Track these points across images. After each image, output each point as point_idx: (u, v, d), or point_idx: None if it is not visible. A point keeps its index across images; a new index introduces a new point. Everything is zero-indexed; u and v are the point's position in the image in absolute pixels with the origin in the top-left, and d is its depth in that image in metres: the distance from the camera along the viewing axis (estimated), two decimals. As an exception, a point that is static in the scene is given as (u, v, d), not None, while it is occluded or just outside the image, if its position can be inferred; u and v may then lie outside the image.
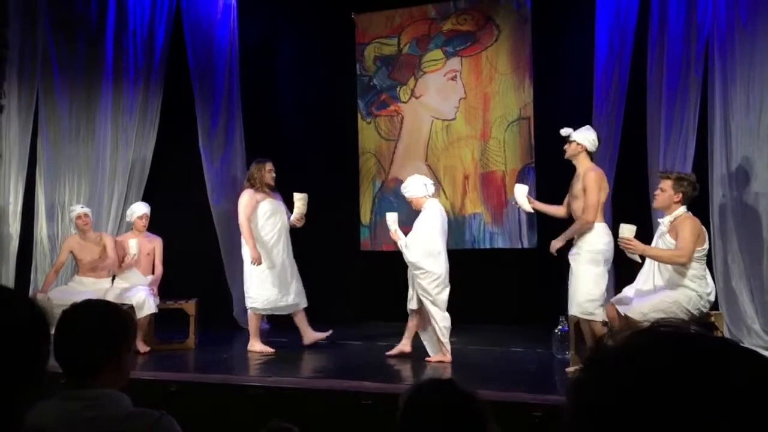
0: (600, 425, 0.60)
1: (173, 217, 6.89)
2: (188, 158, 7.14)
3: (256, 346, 5.56)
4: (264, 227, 5.61)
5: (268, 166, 5.71)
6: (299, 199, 5.57)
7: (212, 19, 7.31)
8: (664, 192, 4.28)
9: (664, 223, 4.32)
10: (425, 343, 5.10)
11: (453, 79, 7.13)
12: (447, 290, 4.99)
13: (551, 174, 6.69)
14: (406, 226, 6.00)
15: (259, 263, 5.49)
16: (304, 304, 5.71)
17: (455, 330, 5.31)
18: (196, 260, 7.23)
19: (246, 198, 5.63)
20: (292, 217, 5.70)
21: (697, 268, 4.23)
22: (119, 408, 1.57)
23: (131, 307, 5.43)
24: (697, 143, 5.46)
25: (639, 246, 4.16)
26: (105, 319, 1.63)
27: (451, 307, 6.87)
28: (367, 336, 6.18)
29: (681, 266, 4.19)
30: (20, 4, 6.45)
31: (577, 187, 4.64)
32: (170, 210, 7.03)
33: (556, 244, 4.66)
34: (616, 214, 5.86)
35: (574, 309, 4.52)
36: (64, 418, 1.54)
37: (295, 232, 5.80)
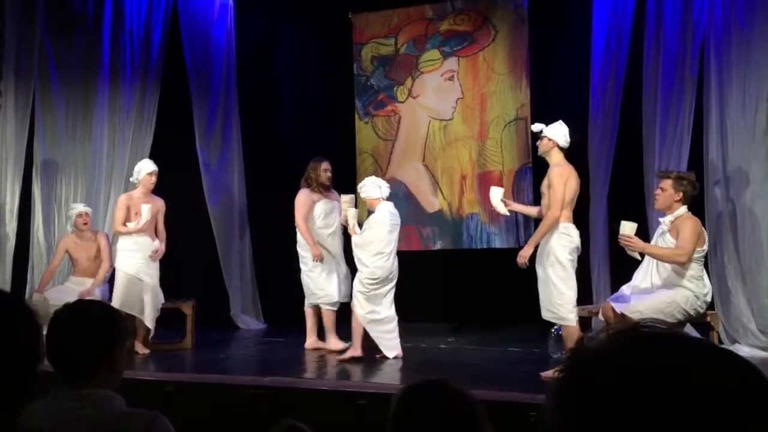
0: (579, 426, 0.60)
1: (170, 217, 6.88)
2: (185, 158, 7.13)
3: (332, 342, 5.51)
4: (319, 227, 5.57)
5: (324, 165, 5.64)
6: (345, 201, 5.41)
7: (209, 19, 7.31)
8: (665, 192, 4.26)
9: (665, 222, 4.30)
10: (376, 341, 5.20)
11: (450, 79, 7.14)
12: (386, 288, 5.13)
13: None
14: (409, 225, 6.04)
15: (322, 259, 5.46)
16: (336, 306, 5.67)
17: (451, 329, 5.32)
18: (193, 261, 7.23)
19: (302, 197, 5.58)
20: (341, 218, 5.54)
21: (696, 268, 4.22)
22: (113, 408, 1.57)
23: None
24: (693, 143, 5.47)
25: (639, 244, 4.13)
26: (98, 318, 1.63)
27: (448, 307, 6.89)
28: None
29: (680, 266, 4.18)
30: (17, 3, 6.44)
31: (544, 183, 4.55)
32: (167, 210, 7.02)
33: (525, 252, 4.46)
34: (612, 212, 5.87)
35: (547, 314, 4.46)
36: (58, 418, 1.54)
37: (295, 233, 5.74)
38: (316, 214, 5.58)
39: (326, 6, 7.40)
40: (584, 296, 5.74)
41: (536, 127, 4.58)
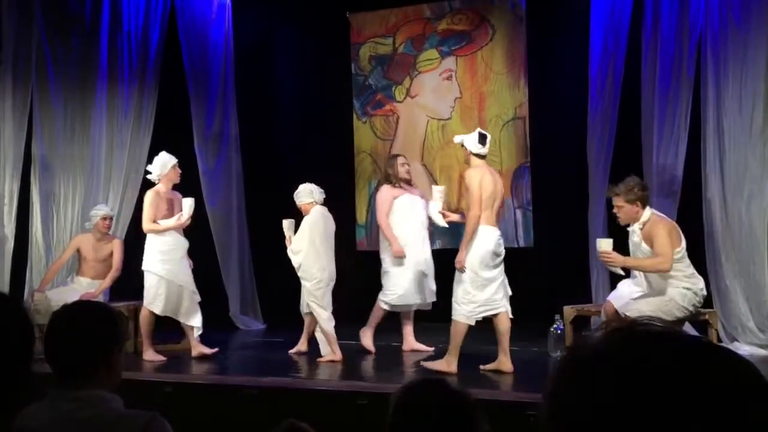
0: (576, 425, 0.60)
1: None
2: (183, 159, 7.11)
3: (366, 337, 5.42)
4: (401, 223, 5.40)
5: (401, 159, 5.55)
6: (437, 191, 5.24)
7: (207, 20, 7.30)
8: (622, 208, 4.28)
9: (635, 232, 4.29)
10: (319, 343, 5.23)
11: (448, 78, 7.14)
12: (328, 292, 5.28)
13: (546, 173, 6.71)
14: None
15: (403, 255, 5.30)
16: (429, 306, 5.51)
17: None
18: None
19: (382, 195, 5.46)
20: (429, 211, 5.32)
21: (682, 268, 4.22)
22: (111, 409, 1.57)
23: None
24: (690, 141, 5.47)
25: (618, 258, 4.14)
26: (96, 320, 1.63)
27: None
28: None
29: (664, 272, 4.18)
30: (14, 4, 6.42)
31: (463, 187, 4.73)
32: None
33: (460, 257, 4.51)
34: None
35: (455, 312, 4.55)
36: (56, 420, 1.54)
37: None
38: (397, 210, 5.40)
39: (324, 5, 7.40)
40: (583, 296, 5.76)
41: (457, 138, 4.81)
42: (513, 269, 6.72)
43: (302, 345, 5.43)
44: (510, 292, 4.69)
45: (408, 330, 5.55)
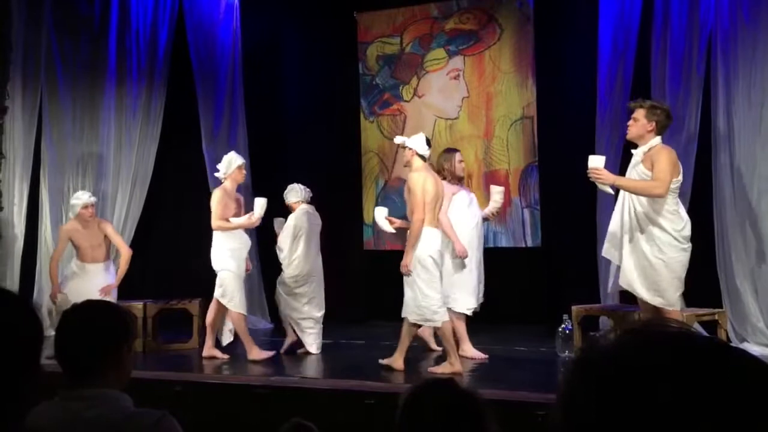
0: (588, 426, 0.60)
1: (176, 216, 6.91)
2: (191, 158, 7.15)
3: (468, 350, 5.07)
4: (460, 221, 5.14)
5: (458, 156, 5.29)
6: (498, 192, 5.19)
7: (215, 19, 7.32)
8: (638, 121, 4.08)
9: (637, 153, 4.11)
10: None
11: (456, 78, 7.13)
12: (305, 288, 5.40)
13: (555, 172, 6.69)
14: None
15: (466, 255, 5.05)
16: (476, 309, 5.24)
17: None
18: (200, 260, 7.24)
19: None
20: (486, 210, 5.29)
21: (671, 202, 4.01)
22: (120, 408, 1.57)
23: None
24: (700, 141, 5.45)
25: (609, 176, 3.97)
26: (105, 319, 1.64)
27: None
28: (371, 335, 6.18)
29: (657, 198, 3.96)
30: (23, 5, 6.46)
31: (405, 190, 4.70)
32: (173, 210, 7.05)
33: (405, 261, 4.52)
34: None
35: (413, 316, 4.54)
36: (66, 419, 1.55)
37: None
38: (455, 207, 5.16)
39: (331, 5, 7.40)
40: (591, 296, 5.74)
41: (398, 139, 4.85)
42: (521, 269, 6.75)
43: (290, 337, 5.53)
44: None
45: (463, 331, 5.20)
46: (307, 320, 5.43)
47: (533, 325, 6.17)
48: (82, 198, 5.74)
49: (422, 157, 4.68)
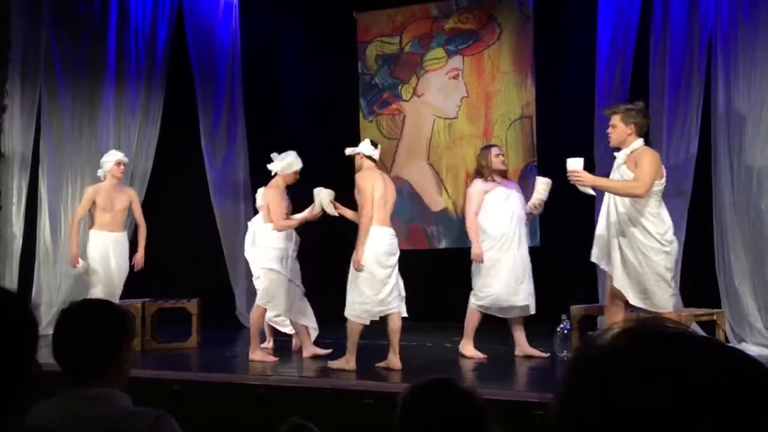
0: (586, 425, 0.60)
1: (175, 216, 6.91)
2: (190, 157, 7.14)
3: (468, 349, 5.08)
4: (495, 217, 5.02)
5: (495, 150, 5.16)
6: (543, 183, 5.04)
7: (214, 18, 7.32)
8: (616, 128, 4.11)
9: (620, 156, 4.12)
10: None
11: (455, 77, 7.13)
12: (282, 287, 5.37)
13: (554, 172, 6.68)
14: (414, 224, 5.95)
15: (481, 260, 4.99)
16: (532, 309, 5.07)
17: (457, 328, 5.31)
18: (199, 259, 7.24)
19: (473, 189, 5.14)
20: (529, 203, 5.12)
21: (653, 204, 4.01)
22: (119, 407, 1.57)
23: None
24: (700, 141, 5.45)
25: (588, 177, 3.99)
26: (104, 318, 1.64)
27: (453, 306, 6.87)
28: (370, 335, 6.17)
29: (638, 199, 3.95)
30: (22, 3, 6.46)
31: (356, 190, 4.78)
32: (172, 209, 7.05)
33: (356, 256, 4.62)
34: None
35: (348, 310, 4.63)
36: (64, 418, 1.54)
37: (298, 231, 5.72)
38: (491, 203, 5.04)
39: (331, 4, 7.40)
40: (590, 296, 5.74)
41: (348, 151, 5.04)
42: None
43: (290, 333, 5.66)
44: (404, 293, 4.76)
45: (519, 335, 5.12)
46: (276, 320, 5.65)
47: (532, 324, 6.16)
48: (115, 155, 5.68)
49: (371, 158, 4.84)
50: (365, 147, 4.90)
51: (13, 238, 6.42)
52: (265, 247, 5.24)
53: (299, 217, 5.21)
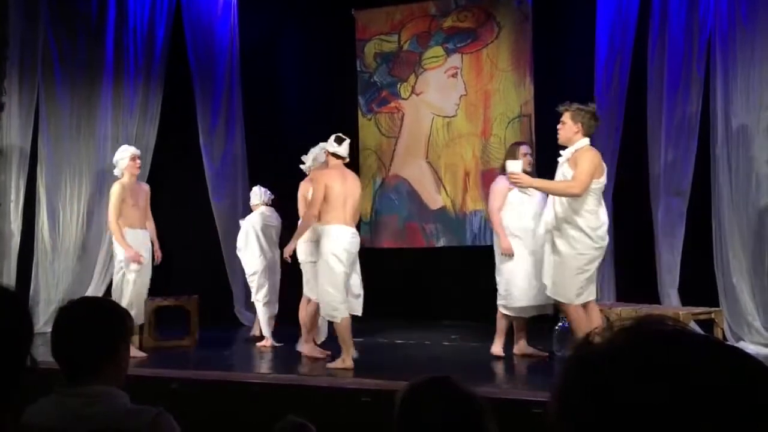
0: (584, 424, 0.60)
1: (174, 214, 6.89)
2: (189, 155, 7.13)
3: (497, 346, 4.94)
4: (516, 214, 4.95)
5: (523, 149, 5.07)
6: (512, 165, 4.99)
7: (212, 17, 7.31)
8: (565, 125, 4.23)
9: (564, 154, 4.23)
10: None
11: (453, 76, 7.12)
12: (261, 282, 5.82)
13: (552, 171, 6.68)
14: (412, 222, 5.90)
15: (511, 254, 4.89)
16: (549, 308, 4.91)
17: (455, 327, 5.32)
18: (197, 257, 7.24)
19: (496, 186, 5.07)
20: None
21: (591, 202, 4.09)
22: (117, 405, 1.57)
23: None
24: (699, 141, 5.45)
25: (526, 179, 4.13)
26: (102, 316, 1.64)
27: (452, 304, 6.88)
28: (366, 333, 6.18)
29: (576, 198, 4.02)
30: (20, 1, 6.44)
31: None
32: (170, 207, 7.02)
33: (288, 249, 4.88)
34: (617, 210, 5.86)
35: (322, 312, 4.80)
36: (62, 416, 1.54)
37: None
38: (513, 200, 4.97)
39: (329, 2, 7.39)
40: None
41: (316, 148, 5.19)
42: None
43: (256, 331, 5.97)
44: (360, 292, 4.82)
45: (521, 334, 5.07)
46: (264, 313, 5.80)
47: (529, 323, 6.16)
48: (128, 150, 5.51)
49: (335, 155, 4.89)
50: (329, 144, 4.95)
51: (12, 236, 6.41)
52: (308, 240, 5.14)
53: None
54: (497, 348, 4.99)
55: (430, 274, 6.97)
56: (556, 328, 5.10)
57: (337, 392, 4.13)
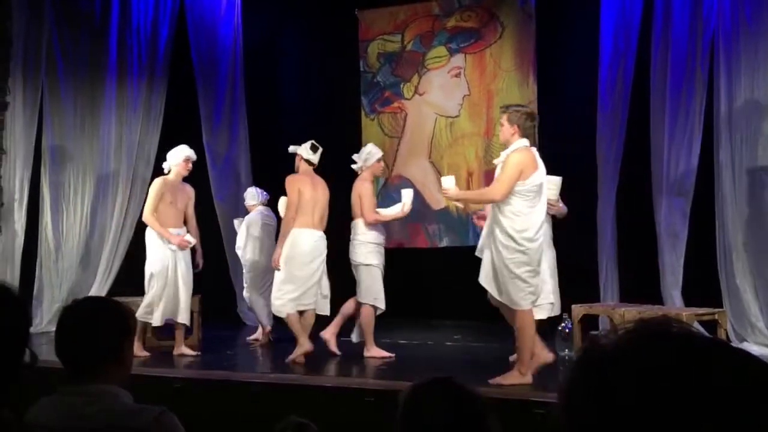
0: (591, 426, 0.60)
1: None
2: (166, 158, 7.13)
3: (541, 355, 4.50)
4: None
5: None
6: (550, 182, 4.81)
7: (216, 16, 7.32)
8: (503, 127, 4.25)
9: (502, 155, 4.22)
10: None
11: (457, 76, 7.12)
12: (261, 281, 5.98)
13: (555, 172, 6.67)
14: (415, 223, 5.84)
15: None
16: (557, 309, 4.85)
17: (458, 327, 5.32)
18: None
19: None
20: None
21: (518, 203, 3.99)
22: (120, 404, 1.57)
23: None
24: (703, 141, 5.44)
25: (452, 193, 4.24)
26: (106, 315, 1.64)
27: (455, 304, 6.88)
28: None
29: (499, 202, 4.01)
30: (24, 1, 6.46)
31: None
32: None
33: (275, 256, 5.07)
34: (620, 211, 5.86)
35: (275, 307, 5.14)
36: (65, 414, 1.55)
37: None
38: None
39: (332, 2, 7.40)
40: (591, 295, 5.74)
41: (291, 149, 5.30)
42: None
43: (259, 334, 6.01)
44: (327, 293, 5.15)
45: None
46: (263, 309, 5.90)
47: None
48: (186, 150, 5.39)
49: (308, 161, 5.16)
50: (304, 150, 5.18)
51: (15, 235, 6.42)
52: (363, 242, 5.12)
53: (391, 213, 5.26)
54: (544, 355, 4.63)
55: (432, 274, 6.96)
56: (559, 328, 5.10)
57: (340, 392, 4.14)
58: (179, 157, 5.40)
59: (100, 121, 6.78)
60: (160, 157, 6.96)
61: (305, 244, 4.99)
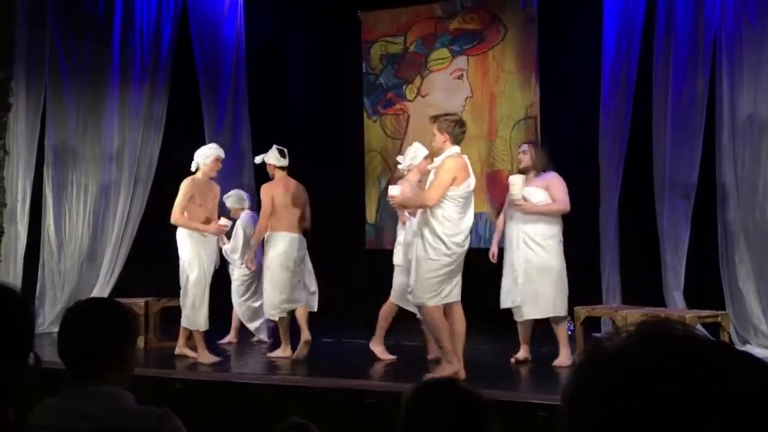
0: (595, 428, 0.60)
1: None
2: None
3: (564, 359, 4.67)
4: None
5: (522, 147, 5.14)
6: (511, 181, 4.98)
7: (219, 18, 7.33)
8: (435, 136, 4.35)
9: (435, 162, 4.33)
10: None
11: (459, 77, 7.13)
12: (253, 287, 6.09)
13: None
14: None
15: (494, 259, 5.15)
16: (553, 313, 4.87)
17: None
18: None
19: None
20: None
21: (449, 208, 4.11)
22: (122, 406, 1.57)
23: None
24: (705, 143, 5.43)
25: (397, 199, 4.33)
26: (109, 316, 1.64)
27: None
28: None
29: (434, 209, 4.12)
30: (28, 3, 6.48)
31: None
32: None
33: (248, 257, 5.40)
34: (623, 213, 5.85)
35: (265, 309, 5.35)
36: (68, 415, 1.55)
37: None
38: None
39: (335, 4, 7.40)
40: (593, 296, 5.73)
41: (258, 159, 5.43)
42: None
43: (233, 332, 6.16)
44: (315, 289, 5.43)
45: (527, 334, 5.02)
46: (255, 312, 6.03)
47: (535, 325, 6.15)
48: (216, 149, 5.26)
49: (281, 167, 5.30)
50: (274, 159, 5.31)
51: (18, 236, 6.44)
52: (400, 244, 5.17)
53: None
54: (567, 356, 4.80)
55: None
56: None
57: (342, 393, 4.13)
58: (210, 157, 5.23)
59: (102, 122, 6.79)
60: (163, 159, 6.98)
61: (279, 247, 5.18)
